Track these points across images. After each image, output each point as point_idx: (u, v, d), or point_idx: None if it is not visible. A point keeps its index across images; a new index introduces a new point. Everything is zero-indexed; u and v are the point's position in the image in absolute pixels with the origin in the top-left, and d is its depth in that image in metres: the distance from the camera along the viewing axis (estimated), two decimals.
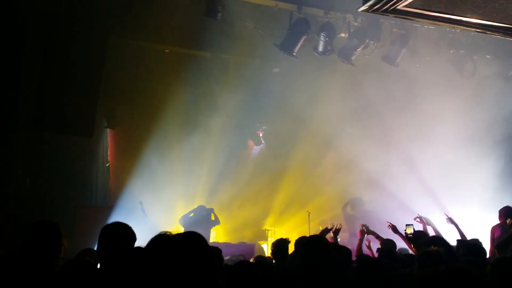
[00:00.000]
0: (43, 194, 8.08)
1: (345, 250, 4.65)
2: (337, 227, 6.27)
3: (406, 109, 9.68)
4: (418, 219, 6.92)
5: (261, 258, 5.59)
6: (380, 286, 3.38)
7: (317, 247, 3.57)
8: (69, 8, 7.00)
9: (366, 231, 6.61)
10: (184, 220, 9.30)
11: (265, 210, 11.58)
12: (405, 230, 5.95)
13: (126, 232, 3.27)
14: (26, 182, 8.07)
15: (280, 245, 5.33)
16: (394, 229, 6.46)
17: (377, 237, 6.49)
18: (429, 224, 6.80)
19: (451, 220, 6.83)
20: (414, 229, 6.00)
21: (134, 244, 3.28)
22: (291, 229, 11.09)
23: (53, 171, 8.35)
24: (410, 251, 5.81)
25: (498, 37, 4.44)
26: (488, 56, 9.15)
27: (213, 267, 2.09)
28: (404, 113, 9.70)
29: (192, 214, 9.69)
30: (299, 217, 10.74)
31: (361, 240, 6.57)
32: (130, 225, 3.36)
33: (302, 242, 5.26)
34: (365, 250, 6.49)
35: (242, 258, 5.47)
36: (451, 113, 9.34)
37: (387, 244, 6.15)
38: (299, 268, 3.66)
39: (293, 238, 5.59)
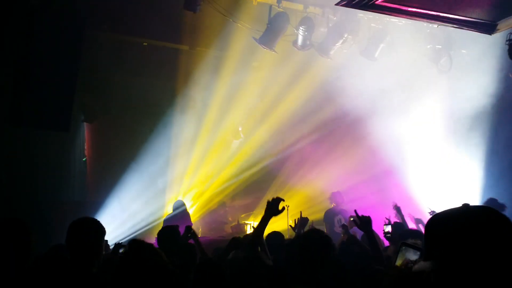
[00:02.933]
0: (19, 189, 7.97)
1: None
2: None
3: (386, 104, 9.77)
4: (395, 208, 6.95)
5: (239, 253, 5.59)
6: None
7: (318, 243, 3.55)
8: (44, 0, 6.88)
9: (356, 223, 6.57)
10: (167, 219, 9.18)
11: (244, 204, 11.59)
12: (383, 230, 5.93)
13: (95, 227, 3.26)
14: (2, 178, 7.94)
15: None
16: (398, 210, 6.76)
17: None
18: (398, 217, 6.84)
19: (398, 210, 6.91)
20: (391, 227, 6.01)
21: (103, 239, 3.28)
22: (269, 222, 11.11)
23: (29, 166, 8.23)
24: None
25: (474, 32, 4.51)
26: (463, 51, 9.29)
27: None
28: (384, 108, 9.80)
29: (172, 211, 9.61)
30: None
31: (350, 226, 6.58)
32: (107, 220, 3.36)
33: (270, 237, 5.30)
34: None
35: None
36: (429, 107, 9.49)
37: (350, 239, 6.16)
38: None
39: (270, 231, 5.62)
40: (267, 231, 4.73)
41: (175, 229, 5.01)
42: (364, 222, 4.79)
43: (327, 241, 3.52)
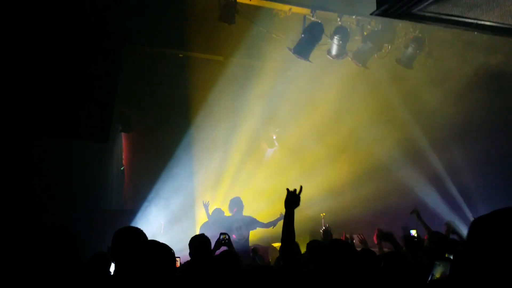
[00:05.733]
0: (58, 198, 8.16)
1: (370, 255, 4.66)
2: None
3: (424, 111, 9.72)
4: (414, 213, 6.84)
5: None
6: None
7: (341, 251, 3.52)
8: (83, 14, 7.08)
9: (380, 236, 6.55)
10: (204, 227, 9.17)
11: (278, 212, 11.56)
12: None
13: (138, 236, 3.31)
14: (42, 187, 8.16)
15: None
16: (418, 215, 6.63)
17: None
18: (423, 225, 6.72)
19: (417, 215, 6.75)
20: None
21: None
22: (304, 231, 11.03)
23: (68, 176, 8.43)
24: None
25: None
26: (503, 58, 9.08)
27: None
28: (423, 115, 9.74)
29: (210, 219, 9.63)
30: (313, 219, 10.70)
31: (379, 245, 6.54)
32: (145, 228, 3.42)
33: (314, 246, 5.30)
34: None
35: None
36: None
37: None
38: (314, 271, 3.64)
39: (307, 240, 5.64)
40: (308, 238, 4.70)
41: (205, 237, 5.05)
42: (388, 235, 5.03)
43: (351, 252, 3.48)
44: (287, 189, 3.95)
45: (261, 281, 3.54)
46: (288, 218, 3.79)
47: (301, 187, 3.91)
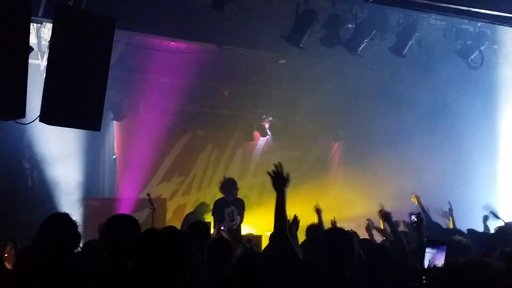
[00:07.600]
0: (50, 186, 8.13)
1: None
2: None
3: (418, 101, 9.75)
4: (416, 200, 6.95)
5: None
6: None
7: (341, 240, 3.55)
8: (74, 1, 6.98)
9: (372, 226, 6.68)
10: (187, 220, 8.95)
11: (271, 201, 11.58)
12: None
13: (131, 224, 3.30)
14: (33, 175, 8.12)
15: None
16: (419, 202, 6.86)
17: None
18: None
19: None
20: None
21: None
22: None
23: (60, 164, 8.40)
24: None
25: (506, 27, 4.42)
26: (495, 46, 9.10)
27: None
28: (415, 105, 9.77)
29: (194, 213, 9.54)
30: (305, 208, 10.72)
31: (370, 236, 6.61)
32: (136, 217, 3.41)
33: (312, 229, 5.36)
34: None
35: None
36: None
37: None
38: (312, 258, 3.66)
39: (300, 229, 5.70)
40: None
41: (205, 224, 5.06)
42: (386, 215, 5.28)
43: (349, 239, 3.53)
44: (269, 173, 3.86)
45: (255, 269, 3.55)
46: (281, 199, 3.73)
47: (280, 164, 3.84)
